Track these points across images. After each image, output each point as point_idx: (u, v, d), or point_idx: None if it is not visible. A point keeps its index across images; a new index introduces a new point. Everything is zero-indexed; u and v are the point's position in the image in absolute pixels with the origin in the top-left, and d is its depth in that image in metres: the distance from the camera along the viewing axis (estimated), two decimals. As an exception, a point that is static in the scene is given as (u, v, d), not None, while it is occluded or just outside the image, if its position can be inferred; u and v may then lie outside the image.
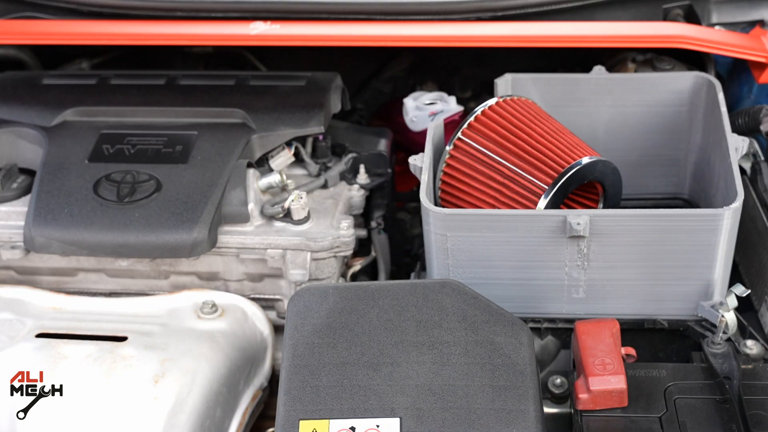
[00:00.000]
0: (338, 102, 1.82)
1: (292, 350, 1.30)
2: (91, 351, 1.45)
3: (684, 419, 1.29)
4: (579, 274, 1.47)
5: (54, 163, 1.66)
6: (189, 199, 1.58)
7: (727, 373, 1.38)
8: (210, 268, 1.67)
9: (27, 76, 1.92)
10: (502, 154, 1.54)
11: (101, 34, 1.82)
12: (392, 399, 1.24)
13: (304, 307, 1.35)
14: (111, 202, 1.59)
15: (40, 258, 1.67)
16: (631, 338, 1.45)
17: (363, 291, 1.36)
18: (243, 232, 1.63)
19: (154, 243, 1.55)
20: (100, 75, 1.88)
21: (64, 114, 1.76)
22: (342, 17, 1.76)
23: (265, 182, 1.66)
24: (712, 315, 1.47)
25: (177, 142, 1.69)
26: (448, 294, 1.34)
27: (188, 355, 1.46)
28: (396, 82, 2.23)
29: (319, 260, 1.62)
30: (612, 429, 1.30)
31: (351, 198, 1.74)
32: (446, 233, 1.45)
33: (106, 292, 1.71)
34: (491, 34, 1.71)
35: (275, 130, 1.71)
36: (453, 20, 1.74)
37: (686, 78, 1.70)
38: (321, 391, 1.25)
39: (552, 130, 1.56)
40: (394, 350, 1.29)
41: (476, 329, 1.30)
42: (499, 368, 1.26)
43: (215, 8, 1.78)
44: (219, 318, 1.56)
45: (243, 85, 1.83)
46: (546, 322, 1.54)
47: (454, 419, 1.22)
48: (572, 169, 1.48)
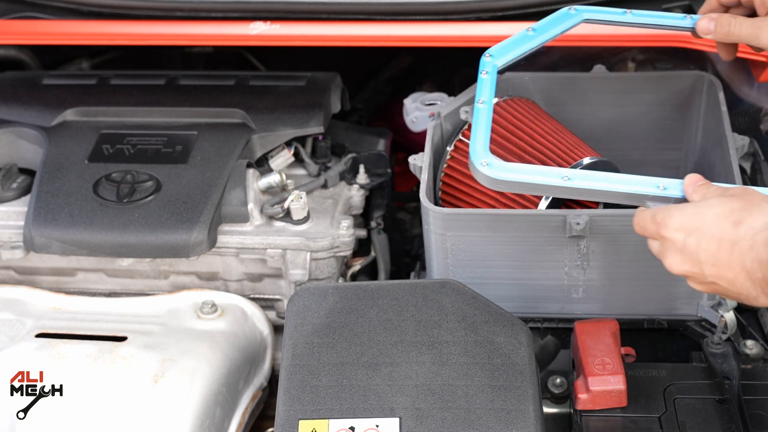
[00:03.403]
0: (338, 102, 1.82)
1: (291, 350, 1.30)
2: (91, 351, 1.46)
3: (683, 419, 1.29)
4: (579, 274, 1.47)
5: (54, 163, 1.66)
6: (189, 199, 1.58)
7: (727, 373, 1.38)
8: (210, 268, 1.67)
9: (27, 76, 1.92)
10: (502, 154, 1.54)
11: (101, 34, 1.82)
12: (392, 399, 1.24)
13: (304, 306, 1.35)
14: (111, 202, 1.59)
15: (40, 258, 1.67)
16: (630, 338, 1.44)
17: (362, 291, 1.36)
18: (243, 232, 1.63)
19: (154, 243, 1.55)
20: (100, 75, 1.88)
21: (64, 114, 1.76)
22: (342, 17, 1.76)
23: (264, 182, 1.66)
24: (712, 315, 1.47)
25: (177, 142, 1.69)
26: (447, 294, 1.34)
27: (188, 355, 1.46)
28: (396, 82, 2.23)
29: (318, 260, 1.62)
30: (611, 429, 1.30)
31: (351, 198, 1.74)
32: (446, 233, 1.45)
33: (105, 292, 1.71)
34: (491, 34, 1.71)
35: (275, 130, 1.71)
36: (453, 20, 1.74)
37: (686, 77, 1.70)
38: (320, 391, 1.25)
39: (552, 130, 1.56)
40: (394, 350, 1.29)
41: (476, 329, 1.30)
42: (499, 368, 1.26)
43: (215, 8, 1.78)
44: (219, 318, 1.56)
45: (243, 85, 1.83)
46: (545, 322, 1.54)
47: (454, 419, 1.22)
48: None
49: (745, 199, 1.06)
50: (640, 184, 1.21)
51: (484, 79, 1.35)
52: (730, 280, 1.04)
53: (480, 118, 1.29)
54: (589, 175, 1.23)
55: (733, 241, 1.03)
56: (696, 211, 1.07)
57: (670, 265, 1.11)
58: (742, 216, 1.03)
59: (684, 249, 1.07)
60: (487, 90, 1.34)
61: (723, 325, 1.40)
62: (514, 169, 1.24)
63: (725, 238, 1.03)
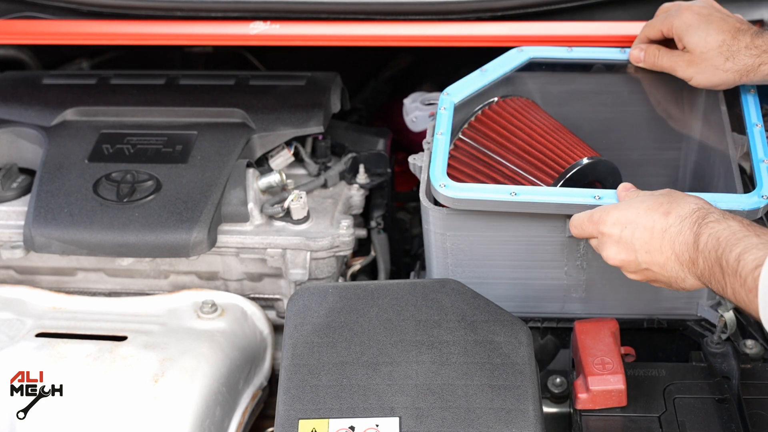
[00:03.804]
0: (338, 102, 1.82)
1: (291, 349, 1.30)
2: (91, 350, 1.46)
3: (683, 419, 1.29)
4: (578, 274, 1.47)
5: (54, 163, 1.66)
6: (189, 199, 1.58)
7: (727, 373, 1.38)
8: (210, 268, 1.67)
9: (27, 76, 1.92)
10: (502, 154, 1.54)
11: (101, 34, 1.82)
12: (392, 398, 1.24)
13: (304, 306, 1.35)
14: (111, 202, 1.59)
15: (40, 258, 1.67)
16: (630, 338, 1.44)
17: (362, 290, 1.36)
18: (243, 231, 1.63)
19: (154, 243, 1.55)
20: (100, 75, 1.89)
21: (64, 114, 1.76)
22: (342, 17, 1.76)
23: (264, 182, 1.66)
24: (712, 315, 1.47)
25: (177, 141, 1.69)
26: (447, 293, 1.34)
27: (188, 355, 1.46)
28: (396, 82, 2.23)
29: (318, 260, 1.62)
30: (611, 428, 1.30)
31: (350, 198, 1.74)
32: (446, 233, 1.45)
33: (105, 291, 1.71)
34: (491, 34, 1.71)
35: (275, 129, 1.71)
36: (453, 20, 1.74)
37: (686, 77, 1.70)
38: (320, 391, 1.25)
39: (552, 130, 1.56)
40: (394, 350, 1.29)
41: (475, 329, 1.30)
42: (499, 368, 1.26)
43: (215, 8, 1.78)
44: (219, 317, 1.56)
45: (243, 84, 1.83)
46: (545, 322, 1.54)
47: (454, 418, 1.22)
48: (573, 169, 1.48)
49: (670, 195, 1.21)
50: (578, 195, 1.36)
51: (443, 113, 1.53)
52: (662, 264, 1.18)
53: (438, 147, 1.47)
54: (534, 190, 1.39)
55: (663, 228, 1.17)
56: (629, 206, 1.22)
57: (607, 257, 1.24)
58: (671, 207, 1.18)
59: (620, 240, 1.21)
60: (445, 123, 1.52)
61: (723, 324, 1.40)
62: (467, 188, 1.40)
63: (657, 226, 1.18)
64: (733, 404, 1.30)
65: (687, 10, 1.47)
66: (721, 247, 1.08)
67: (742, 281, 1.05)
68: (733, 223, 1.11)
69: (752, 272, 1.03)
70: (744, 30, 1.43)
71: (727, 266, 1.07)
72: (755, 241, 1.06)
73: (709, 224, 1.12)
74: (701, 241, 1.12)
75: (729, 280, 1.07)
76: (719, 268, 1.08)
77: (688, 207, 1.17)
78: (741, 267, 1.05)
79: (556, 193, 1.39)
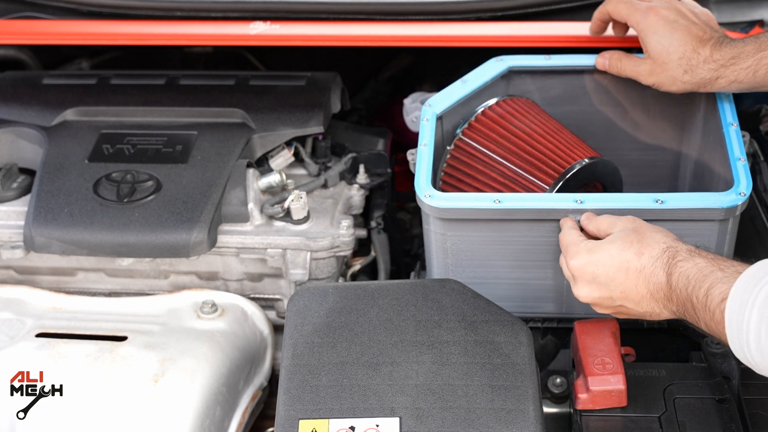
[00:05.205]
0: (338, 102, 1.82)
1: (291, 350, 1.30)
2: (91, 350, 1.46)
3: (683, 419, 1.29)
4: (579, 274, 1.47)
5: (54, 163, 1.66)
6: (189, 199, 1.58)
7: (727, 373, 1.38)
8: (210, 268, 1.67)
9: (27, 76, 1.92)
10: (502, 154, 1.54)
11: (101, 34, 1.82)
12: (392, 398, 1.24)
13: (304, 306, 1.35)
14: (111, 202, 1.59)
15: (40, 258, 1.67)
16: (630, 338, 1.44)
17: (363, 290, 1.36)
18: (243, 231, 1.63)
19: (154, 243, 1.55)
20: (100, 75, 1.88)
21: (64, 114, 1.76)
22: (342, 17, 1.76)
23: (264, 182, 1.66)
24: (712, 315, 1.46)
25: (177, 142, 1.69)
26: (447, 293, 1.34)
27: (188, 355, 1.46)
28: (396, 82, 2.23)
29: (318, 260, 1.62)
30: (611, 429, 1.30)
31: (351, 198, 1.74)
32: (446, 233, 1.45)
33: (105, 291, 1.71)
34: (491, 34, 1.71)
35: (275, 129, 1.71)
36: (453, 20, 1.74)
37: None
38: (321, 391, 1.25)
39: (552, 130, 1.56)
40: (394, 350, 1.29)
41: (476, 329, 1.30)
42: (499, 368, 1.26)
43: (215, 8, 1.78)
44: (219, 318, 1.56)
45: (243, 85, 1.83)
46: (545, 322, 1.54)
47: (454, 419, 1.22)
48: (573, 169, 1.48)
49: (638, 232, 1.25)
50: (560, 200, 1.39)
51: (425, 124, 1.54)
52: (637, 302, 1.23)
53: (423, 157, 1.48)
54: (517, 197, 1.41)
55: (638, 269, 1.22)
56: (600, 249, 1.26)
57: (579, 294, 1.28)
58: (642, 247, 1.23)
59: (594, 280, 1.26)
60: (428, 134, 1.52)
61: (723, 325, 1.40)
62: (451, 197, 1.42)
63: (631, 267, 1.22)
64: (733, 404, 1.30)
65: (654, 14, 1.47)
66: (690, 285, 1.14)
67: (711, 315, 1.11)
68: (700, 260, 1.16)
69: (719, 305, 1.09)
70: (705, 40, 1.43)
71: (697, 302, 1.13)
72: (720, 276, 1.12)
73: (678, 263, 1.18)
74: (673, 281, 1.18)
75: (700, 314, 1.13)
76: (691, 304, 1.14)
77: (658, 247, 1.22)
78: (709, 302, 1.11)
79: (538, 198, 1.41)
